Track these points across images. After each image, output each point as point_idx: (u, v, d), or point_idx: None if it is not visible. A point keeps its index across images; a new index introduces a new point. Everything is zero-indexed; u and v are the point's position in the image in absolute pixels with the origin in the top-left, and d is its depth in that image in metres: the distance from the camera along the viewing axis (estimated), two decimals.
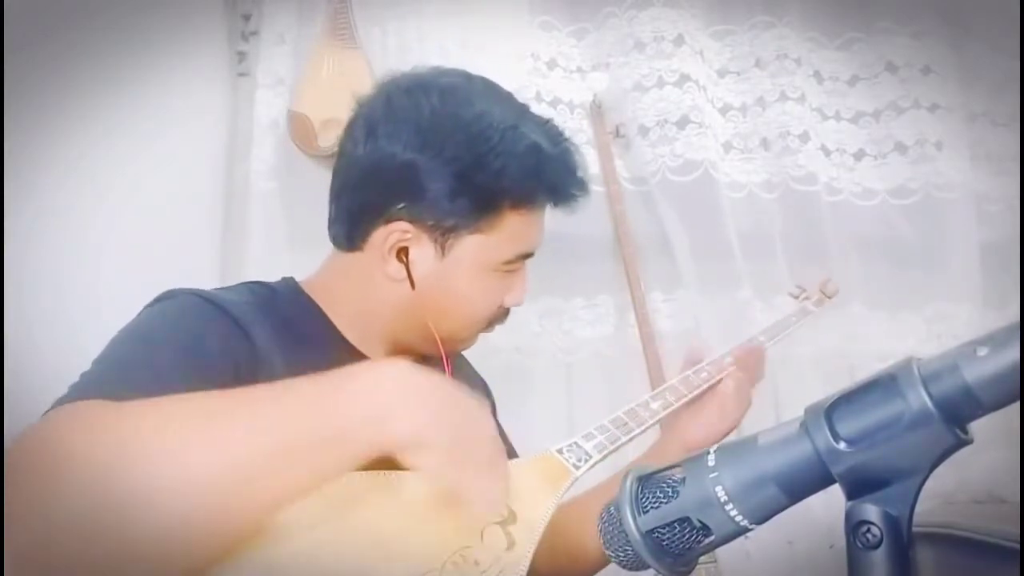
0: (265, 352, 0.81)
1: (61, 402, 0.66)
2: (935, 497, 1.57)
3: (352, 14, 1.74)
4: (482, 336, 1.00)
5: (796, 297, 1.37)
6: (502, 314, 0.98)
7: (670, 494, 0.55)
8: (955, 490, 1.62)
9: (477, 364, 1.16)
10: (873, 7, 1.82)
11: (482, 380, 1.15)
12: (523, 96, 1.69)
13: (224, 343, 0.79)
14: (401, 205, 0.88)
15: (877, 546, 0.49)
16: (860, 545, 0.50)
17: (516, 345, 1.71)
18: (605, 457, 0.89)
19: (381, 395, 0.64)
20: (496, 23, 1.69)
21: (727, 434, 1.07)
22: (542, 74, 1.72)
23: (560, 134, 0.94)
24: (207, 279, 0.94)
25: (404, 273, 0.90)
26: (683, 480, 0.55)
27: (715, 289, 1.72)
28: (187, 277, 0.93)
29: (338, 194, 0.93)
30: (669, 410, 1.00)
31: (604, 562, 1.08)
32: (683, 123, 1.73)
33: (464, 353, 1.16)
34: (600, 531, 0.58)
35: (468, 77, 0.95)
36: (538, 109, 1.68)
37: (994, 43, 1.82)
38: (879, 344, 1.74)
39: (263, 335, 0.82)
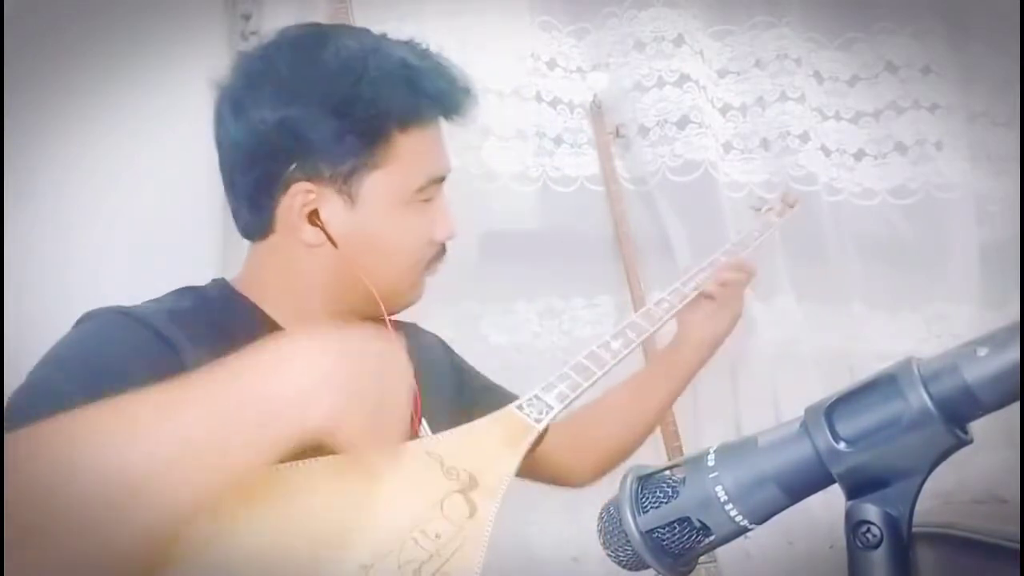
0: (191, 360, 0.77)
1: None
2: (935, 497, 1.57)
3: (352, 14, 1.74)
4: (482, 336, 1.00)
5: (759, 210, 1.37)
6: (438, 251, 0.93)
7: (670, 494, 0.55)
8: (955, 490, 1.62)
9: (477, 364, 1.16)
10: (873, 7, 1.82)
11: (437, 340, 1.12)
12: (523, 96, 1.71)
13: (144, 356, 0.76)
14: (292, 166, 0.85)
15: (877, 546, 0.49)
16: (860, 545, 0.50)
17: (516, 345, 1.71)
18: (568, 405, 0.89)
19: (293, 375, 0.62)
20: (496, 23, 1.69)
21: (735, 320, 1.13)
22: (542, 74, 1.72)
23: (426, 49, 0.90)
24: (207, 278, 0.94)
25: (322, 236, 0.86)
26: (683, 480, 0.55)
27: None
28: (187, 277, 0.93)
29: (231, 184, 0.90)
30: (631, 348, 1.00)
31: (627, 450, 1.17)
32: (683, 123, 1.73)
33: (464, 352, 1.15)
34: (600, 531, 0.58)
35: (317, 25, 0.92)
36: (538, 109, 1.70)
37: (994, 43, 1.82)
38: (879, 344, 1.74)
39: (188, 343, 0.79)
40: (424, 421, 0.91)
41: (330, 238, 0.86)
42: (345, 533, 0.67)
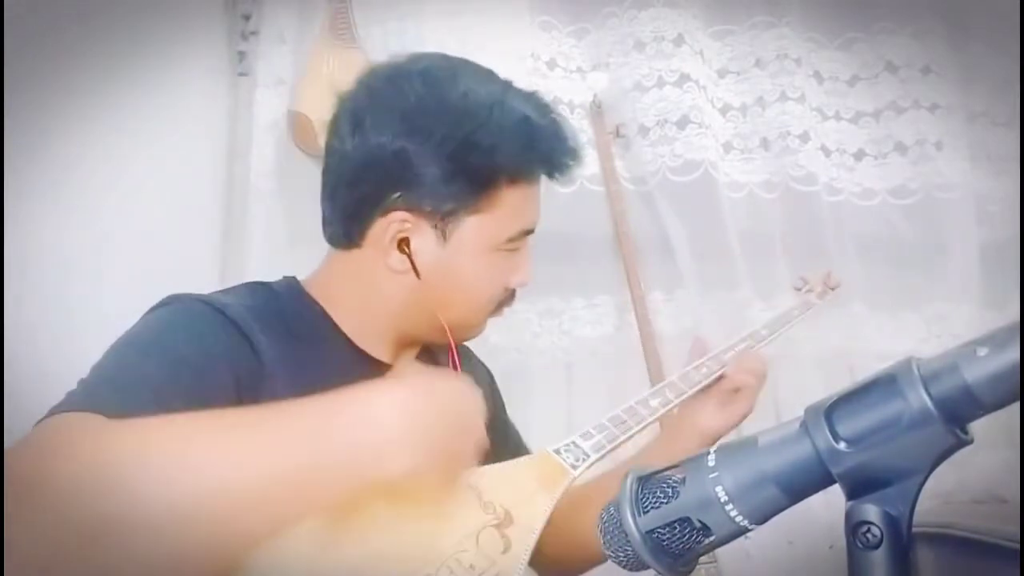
0: (268, 359, 0.80)
1: (54, 411, 0.65)
2: (935, 497, 1.57)
3: (352, 14, 1.74)
4: (482, 336, 1.00)
5: (799, 290, 1.36)
6: (509, 296, 0.96)
7: (670, 494, 0.55)
8: (955, 490, 1.62)
9: None
10: (873, 7, 1.82)
11: (487, 371, 1.14)
12: None
13: (225, 352, 0.77)
14: (397, 195, 0.86)
15: (877, 546, 0.49)
16: (860, 545, 0.50)
17: (516, 345, 1.71)
18: (603, 456, 0.89)
19: (380, 428, 0.63)
20: (496, 23, 1.69)
21: (728, 429, 1.08)
22: (542, 74, 1.72)
23: (547, 105, 0.93)
24: (207, 279, 0.93)
25: (407, 264, 0.88)
26: (683, 480, 0.55)
27: (715, 289, 1.73)
28: (187, 277, 0.93)
29: (332, 193, 0.92)
30: (668, 407, 1.00)
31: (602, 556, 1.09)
32: (683, 123, 1.73)
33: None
34: (600, 531, 0.58)
35: (447, 58, 0.94)
36: None
37: (994, 43, 1.82)
38: (879, 344, 1.74)
39: (265, 341, 0.80)
40: None
41: (415, 268, 0.88)
42: (385, 552, 0.68)
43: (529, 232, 0.94)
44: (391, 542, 0.69)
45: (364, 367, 0.91)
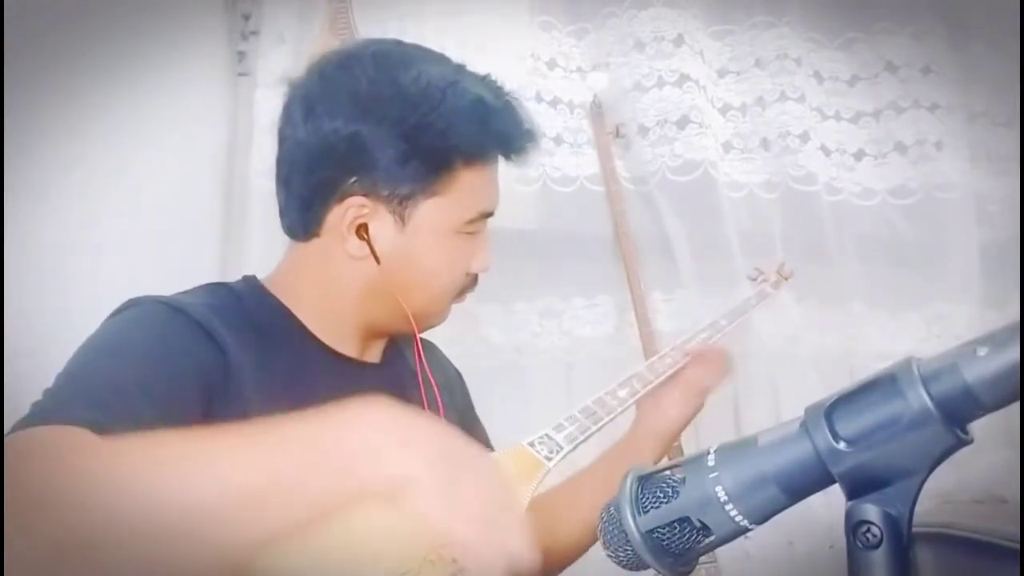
0: (235, 359, 0.79)
1: (24, 423, 0.63)
2: (935, 497, 1.57)
3: (352, 14, 1.74)
4: (482, 336, 1.00)
5: (754, 280, 1.39)
6: (471, 281, 0.96)
7: (670, 494, 0.55)
8: (955, 490, 1.62)
9: (477, 364, 1.17)
10: (873, 7, 1.82)
11: (454, 368, 1.13)
12: (523, 96, 1.70)
13: (191, 352, 0.77)
14: (353, 180, 0.86)
15: (877, 546, 0.49)
16: (860, 545, 0.50)
17: (516, 345, 1.71)
18: (576, 447, 0.90)
19: (372, 432, 0.61)
20: (496, 23, 1.69)
21: (688, 422, 1.10)
22: (542, 74, 1.72)
23: (501, 87, 0.92)
24: (207, 279, 0.93)
25: (367, 250, 0.88)
26: (683, 480, 0.55)
27: (715, 289, 1.72)
28: (187, 277, 0.93)
29: (286, 181, 0.91)
30: (636, 397, 1.01)
31: (586, 544, 1.08)
32: (683, 123, 1.73)
33: (464, 353, 1.16)
34: (600, 531, 0.58)
35: (399, 43, 0.94)
36: (538, 109, 1.70)
37: (994, 43, 1.82)
38: (879, 344, 1.74)
39: (230, 341, 0.80)
40: None
41: (374, 254, 0.88)
42: (366, 548, 0.67)
43: (488, 215, 0.93)
44: (369, 540, 0.67)
45: (329, 363, 0.91)
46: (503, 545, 0.59)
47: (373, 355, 0.98)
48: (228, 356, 0.79)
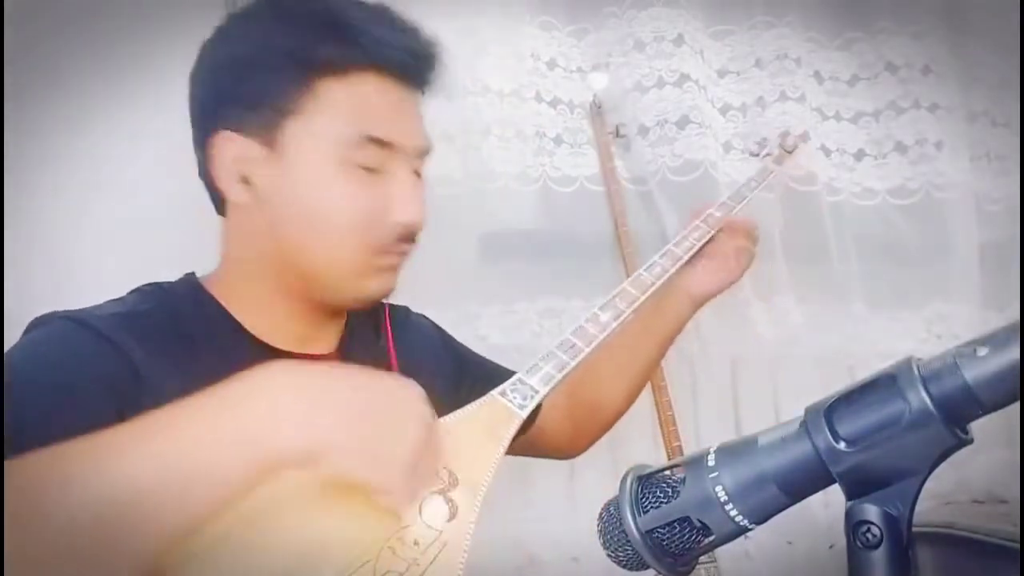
0: (146, 369, 0.74)
1: None
2: (935, 497, 1.57)
3: None
4: (482, 336, 0.99)
5: (756, 155, 1.35)
6: (400, 236, 0.83)
7: (670, 494, 0.55)
8: (955, 490, 1.62)
9: None
10: (873, 7, 1.82)
11: (428, 320, 1.09)
12: (523, 96, 1.71)
13: (97, 369, 0.73)
14: (216, 117, 0.83)
15: (877, 546, 0.50)
16: (860, 545, 0.50)
17: (516, 345, 1.71)
18: (554, 388, 0.83)
19: (275, 399, 0.59)
20: (496, 23, 1.68)
21: (721, 289, 1.13)
22: (542, 74, 1.72)
23: (379, 4, 0.84)
24: (207, 268, 0.94)
25: (247, 191, 0.82)
26: (683, 480, 0.55)
27: None
28: (188, 266, 0.93)
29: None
30: (621, 319, 0.96)
31: (620, 411, 1.17)
32: (683, 123, 1.72)
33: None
34: (600, 531, 0.58)
35: None
36: (538, 109, 1.70)
37: (994, 43, 1.82)
38: (879, 344, 1.74)
39: (142, 353, 0.75)
40: None
41: (249, 183, 0.82)
42: (321, 545, 0.65)
43: (383, 143, 0.81)
44: (323, 533, 0.66)
45: (263, 360, 0.87)
46: (423, 489, 0.65)
47: (323, 344, 0.89)
48: (140, 371, 0.74)
